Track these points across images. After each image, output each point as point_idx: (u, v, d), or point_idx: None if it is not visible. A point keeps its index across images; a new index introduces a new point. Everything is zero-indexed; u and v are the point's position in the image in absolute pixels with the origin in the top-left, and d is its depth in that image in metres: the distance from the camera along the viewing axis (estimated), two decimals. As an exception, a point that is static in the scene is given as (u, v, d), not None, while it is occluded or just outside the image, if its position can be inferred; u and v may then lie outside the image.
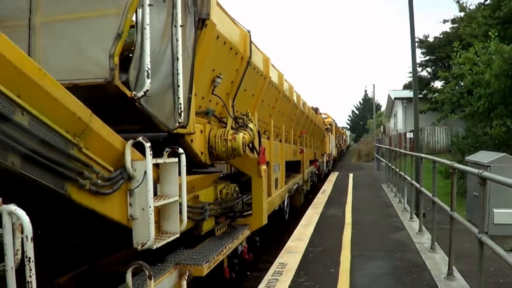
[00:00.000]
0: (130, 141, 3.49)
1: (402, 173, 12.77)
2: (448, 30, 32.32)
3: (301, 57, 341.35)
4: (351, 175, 23.92)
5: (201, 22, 4.81)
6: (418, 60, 29.70)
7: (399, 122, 42.90)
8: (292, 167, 12.88)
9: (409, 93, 30.58)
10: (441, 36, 32.92)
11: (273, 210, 9.02)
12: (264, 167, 7.03)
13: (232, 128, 5.98)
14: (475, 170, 4.89)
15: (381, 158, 25.17)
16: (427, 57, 34.41)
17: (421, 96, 25.16)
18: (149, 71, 3.48)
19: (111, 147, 3.33)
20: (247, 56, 6.39)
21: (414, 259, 7.16)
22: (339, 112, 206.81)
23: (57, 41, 3.56)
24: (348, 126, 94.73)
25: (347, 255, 7.44)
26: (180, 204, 4.11)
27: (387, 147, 22.77)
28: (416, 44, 15.55)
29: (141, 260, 3.66)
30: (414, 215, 10.68)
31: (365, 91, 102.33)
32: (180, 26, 4.06)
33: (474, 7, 20.97)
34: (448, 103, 17.68)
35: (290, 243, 8.46)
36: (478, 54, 14.93)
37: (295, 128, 12.76)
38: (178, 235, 4.03)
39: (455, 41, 17.18)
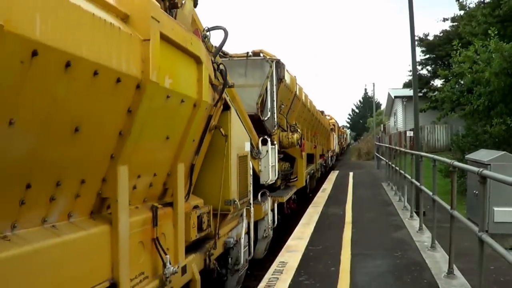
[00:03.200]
0: (260, 138, 7.82)
1: (402, 172, 12.80)
2: (448, 29, 32.28)
3: (300, 55, 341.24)
4: (351, 173, 23.99)
5: (279, 80, 9.39)
6: (418, 59, 29.61)
7: (399, 121, 42.92)
8: (309, 159, 16.09)
9: (409, 92, 30.62)
10: (441, 34, 32.90)
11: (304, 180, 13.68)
12: (304, 153, 12.89)
13: (290, 131, 10.58)
14: (475, 169, 4.90)
15: (381, 157, 25.21)
16: (427, 56, 34.40)
17: (421, 94, 25.12)
18: (269, 109, 8.84)
19: (255, 140, 7.54)
20: (295, 91, 11.61)
21: (415, 257, 7.18)
22: (339, 110, 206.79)
23: (241, 95, 7.05)
24: (348, 125, 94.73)
25: (348, 254, 7.47)
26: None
27: (387, 145, 22.79)
28: (416, 43, 15.53)
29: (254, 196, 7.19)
30: (414, 213, 10.70)
31: (365, 89, 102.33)
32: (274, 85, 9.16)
33: (474, 6, 20.94)
34: (448, 101, 17.70)
35: (290, 242, 8.51)
36: (478, 52, 14.93)
37: (311, 129, 16.72)
38: (274, 181, 8.55)
39: (455, 39, 17.17)
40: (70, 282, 2.67)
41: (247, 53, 8.71)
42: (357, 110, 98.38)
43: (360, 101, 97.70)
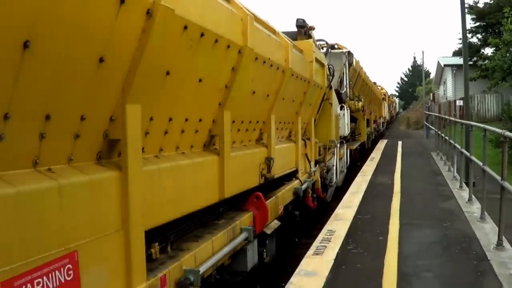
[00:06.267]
0: (339, 105, 11.45)
1: (452, 141, 12.60)
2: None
3: (348, 23, 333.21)
4: (400, 142, 23.62)
5: (350, 65, 13.55)
6: (468, 26, 28.57)
7: (449, 90, 41.79)
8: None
9: (459, 60, 29.76)
10: (491, 1, 31.66)
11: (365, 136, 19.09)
12: (366, 116, 18.57)
13: (355, 100, 15.56)
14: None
15: (430, 126, 24.74)
16: (477, 23, 33.25)
17: (471, 63, 24.43)
18: (344, 86, 13.04)
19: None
20: (358, 71, 16.37)
21: (463, 228, 7.13)
22: (387, 79, 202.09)
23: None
24: (397, 94, 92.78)
25: (396, 223, 7.43)
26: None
27: (436, 114, 22.34)
28: (466, 10, 15.06)
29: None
30: (463, 184, 10.57)
31: (414, 58, 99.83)
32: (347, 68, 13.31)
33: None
34: (499, 70, 17.21)
35: (338, 210, 8.53)
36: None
37: (367, 98, 20.62)
38: (347, 135, 12.46)
39: (506, 6, 16.52)
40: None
41: (328, 45, 11.54)
42: (406, 79, 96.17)
43: (409, 69, 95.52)
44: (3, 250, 1.94)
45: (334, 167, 10.46)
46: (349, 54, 13.37)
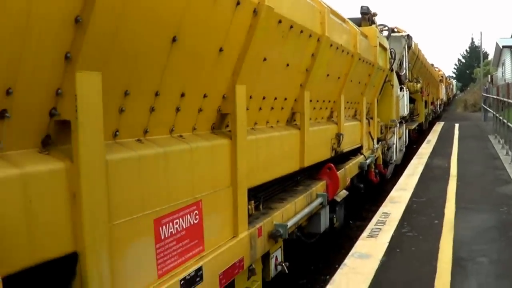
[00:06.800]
0: (399, 86, 11.77)
1: (510, 125, 12.51)
2: None
3: (405, 3, 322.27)
4: (456, 125, 23.31)
5: (409, 48, 14.24)
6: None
7: (508, 72, 40.20)
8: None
9: (518, 41, 28.71)
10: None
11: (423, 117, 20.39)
12: (424, 98, 19.55)
13: (414, 82, 16.79)
14: None
15: (488, 109, 24.26)
16: (539, 3, 31.73)
17: (531, 44, 23.57)
18: (404, 68, 13.29)
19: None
20: (417, 53, 17.85)
21: (521, 214, 7.02)
22: (444, 60, 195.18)
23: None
24: (454, 75, 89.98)
25: (452, 207, 7.37)
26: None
27: (494, 97, 21.99)
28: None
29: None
30: (522, 168, 10.50)
31: (472, 39, 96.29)
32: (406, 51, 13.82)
33: None
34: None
35: (393, 193, 8.52)
36: None
37: (425, 80, 21.33)
38: (406, 115, 13.21)
39: None
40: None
41: (389, 29, 12.17)
42: (463, 60, 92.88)
43: (466, 50, 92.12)
44: (154, 195, 2.58)
45: (394, 145, 11.15)
46: (408, 37, 13.93)
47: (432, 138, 18.09)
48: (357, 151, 8.09)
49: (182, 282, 2.70)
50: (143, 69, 2.46)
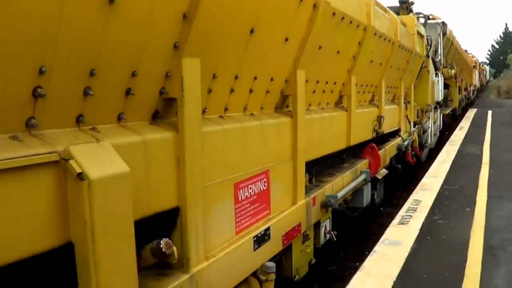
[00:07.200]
0: (434, 72, 12.36)
1: (545, 112, 12.40)
2: None
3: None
4: (489, 112, 22.98)
5: (444, 34, 14.33)
6: None
7: (542, 58, 39.38)
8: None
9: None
10: None
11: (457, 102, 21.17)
12: (458, 83, 19.91)
13: (448, 68, 16.59)
14: None
15: (523, 95, 24.01)
16: None
17: None
18: (439, 54, 13.48)
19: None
20: (451, 40, 17.82)
21: (555, 202, 6.91)
22: (478, 46, 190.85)
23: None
24: (487, 61, 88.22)
25: (484, 195, 7.25)
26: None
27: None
28: None
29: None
30: (556, 156, 10.34)
31: (506, 24, 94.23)
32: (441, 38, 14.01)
33: None
34: None
35: (425, 180, 8.41)
36: None
37: (459, 66, 21.57)
38: (440, 100, 13.58)
39: None
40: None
41: (425, 16, 12.43)
42: (497, 46, 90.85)
43: (500, 36, 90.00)
44: (234, 163, 3.05)
45: (429, 129, 11.84)
46: (444, 24, 14.31)
47: (465, 124, 17.96)
48: (395, 133, 8.68)
49: (255, 239, 3.19)
50: (228, 56, 2.93)
